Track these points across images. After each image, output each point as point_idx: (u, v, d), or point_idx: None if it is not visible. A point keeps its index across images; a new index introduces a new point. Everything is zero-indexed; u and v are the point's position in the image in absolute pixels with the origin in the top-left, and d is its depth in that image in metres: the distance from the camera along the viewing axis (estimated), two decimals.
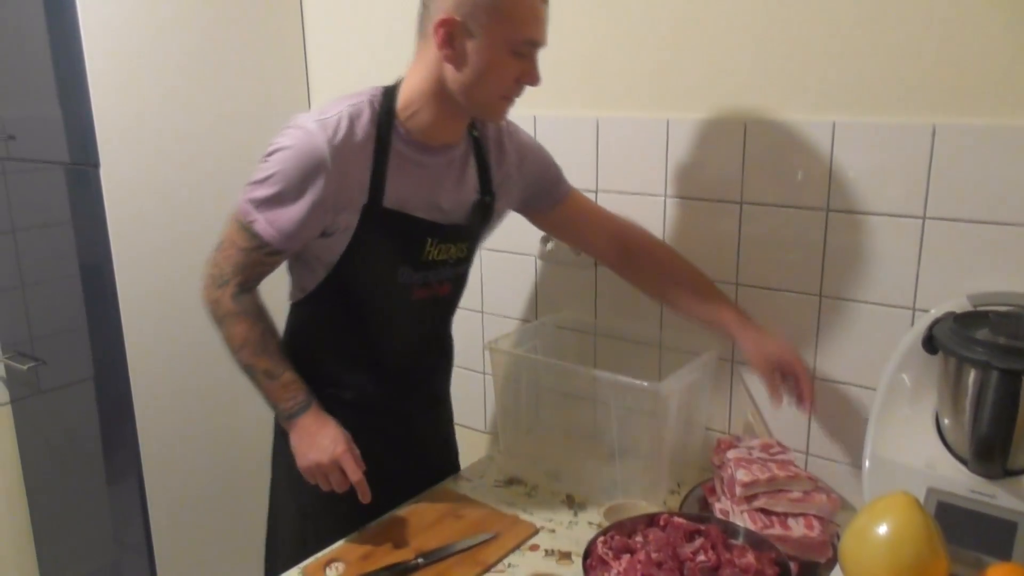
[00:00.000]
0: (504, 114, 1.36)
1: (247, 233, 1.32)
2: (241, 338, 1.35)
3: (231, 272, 1.34)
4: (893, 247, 1.38)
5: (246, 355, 1.36)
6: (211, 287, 1.36)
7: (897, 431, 1.29)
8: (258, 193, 1.30)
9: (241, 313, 1.35)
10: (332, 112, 1.29)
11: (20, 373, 2.24)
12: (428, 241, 1.40)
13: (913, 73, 1.33)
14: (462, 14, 1.22)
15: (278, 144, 1.29)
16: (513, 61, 1.26)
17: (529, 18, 1.25)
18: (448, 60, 1.27)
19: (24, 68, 1.93)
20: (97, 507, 2.18)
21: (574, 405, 1.71)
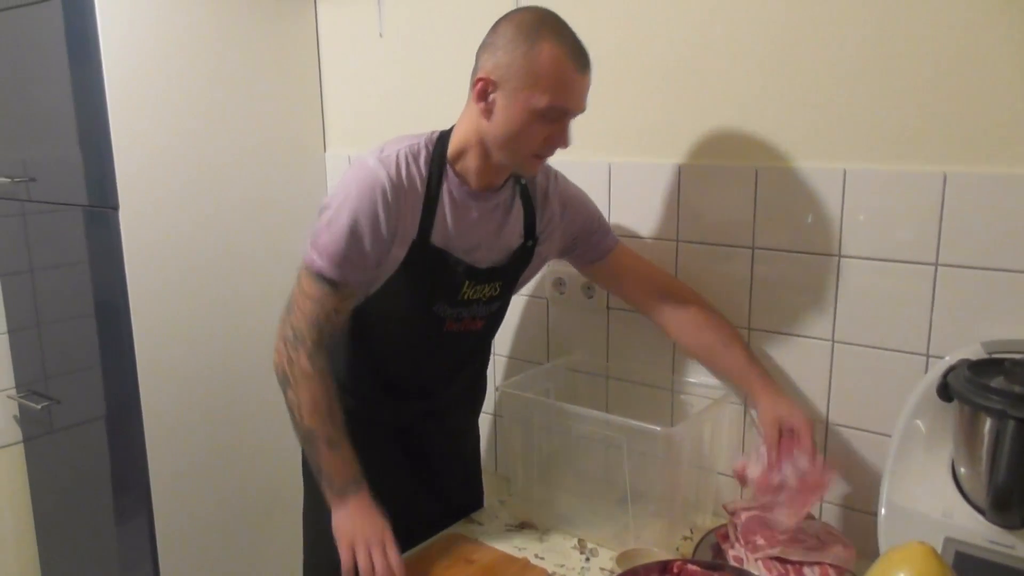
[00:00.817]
0: (534, 170, 1.42)
1: (318, 282, 1.34)
2: (312, 402, 1.34)
3: (306, 329, 1.34)
4: (906, 293, 1.38)
5: (315, 420, 1.34)
6: (284, 349, 1.36)
7: (913, 479, 1.27)
8: (322, 239, 1.33)
9: (317, 376, 1.34)
10: (391, 150, 1.36)
11: (34, 412, 2.24)
12: (466, 283, 1.44)
13: (924, 122, 1.34)
14: (498, 75, 1.30)
15: (341, 184, 1.35)
16: (540, 124, 1.31)
17: (558, 87, 1.28)
18: (482, 114, 1.34)
19: (46, 111, 1.97)
20: (106, 547, 2.17)
21: (586, 449, 1.70)
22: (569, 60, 1.29)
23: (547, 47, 1.27)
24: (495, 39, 1.31)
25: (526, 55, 1.27)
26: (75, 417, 2.18)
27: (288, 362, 1.35)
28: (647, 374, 1.73)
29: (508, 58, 1.28)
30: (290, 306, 1.37)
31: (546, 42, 1.27)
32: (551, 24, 1.30)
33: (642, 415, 1.47)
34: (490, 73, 1.31)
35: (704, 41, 1.55)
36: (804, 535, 1.34)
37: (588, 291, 1.77)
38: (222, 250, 2.01)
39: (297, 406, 1.35)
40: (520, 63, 1.27)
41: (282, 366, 1.36)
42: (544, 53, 1.27)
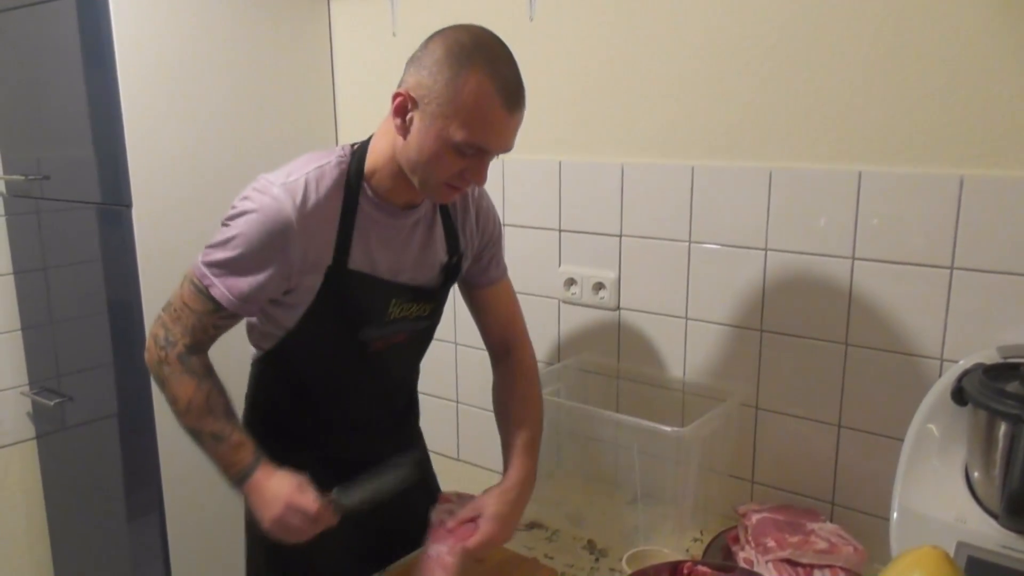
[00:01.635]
0: (447, 199, 1.31)
1: (202, 297, 1.27)
2: (186, 399, 1.28)
3: (180, 333, 1.29)
4: (920, 297, 1.38)
5: (191, 418, 1.29)
6: (155, 348, 1.30)
7: (926, 483, 1.27)
8: (217, 256, 1.25)
9: (186, 372, 1.28)
10: (298, 174, 1.26)
11: (47, 409, 2.26)
12: (392, 302, 1.37)
13: (941, 124, 1.33)
14: (418, 94, 1.19)
15: (242, 207, 1.24)
16: (455, 156, 1.19)
17: (478, 124, 1.16)
18: (398, 130, 1.24)
19: (60, 109, 1.98)
20: (118, 544, 2.18)
21: (596, 449, 1.70)
22: (496, 96, 1.16)
23: (474, 79, 1.14)
24: (423, 55, 1.20)
25: (450, 82, 1.15)
26: (88, 414, 2.19)
27: (159, 360, 1.29)
28: (658, 375, 1.72)
29: (431, 80, 1.16)
30: (168, 306, 1.31)
31: (475, 73, 1.14)
32: (486, 51, 1.17)
33: (653, 416, 1.46)
34: (411, 90, 1.19)
35: (718, 42, 1.54)
36: (815, 538, 1.33)
37: (599, 291, 1.77)
38: None
39: (174, 403, 1.29)
40: (442, 89, 1.15)
41: (153, 363, 1.31)
42: (470, 84, 1.14)
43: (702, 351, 1.66)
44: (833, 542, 1.33)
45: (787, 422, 1.57)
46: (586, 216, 1.77)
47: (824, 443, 1.53)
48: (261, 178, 1.27)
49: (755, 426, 1.61)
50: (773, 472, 1.61)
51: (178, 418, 1.30)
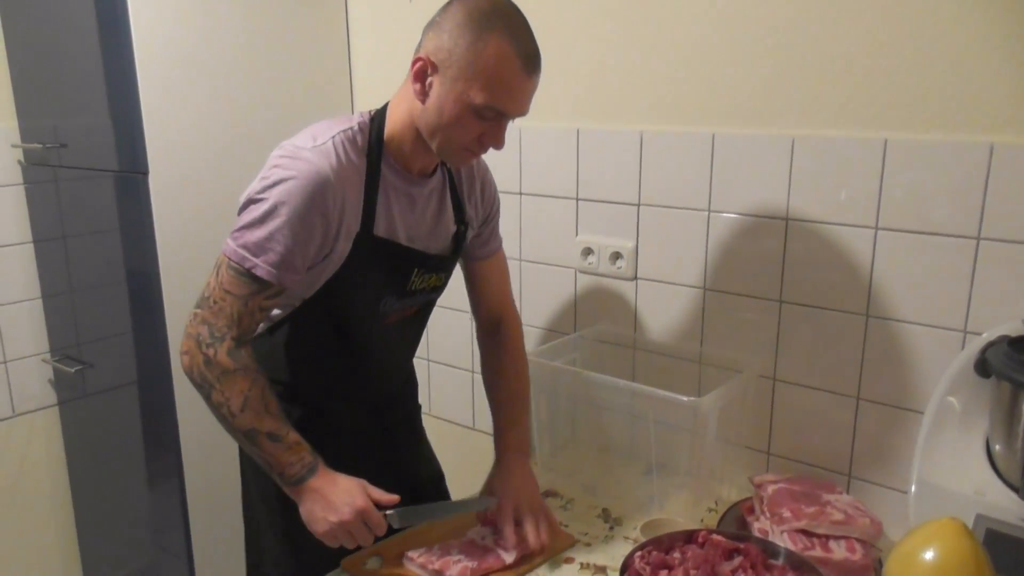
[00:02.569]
0: (465, 163, 1.34)
1: (244, 279, 1.22)
2: (241, 398, 1.22)
3: (225, 326, 1.23)
4: (945, 268, 1.35)
5: (248, 418, 1.23)
6: (198, 349, 1.23)
7: (945, 456, 1.26)
8: (257, 233, 1.21)
9: (239, 369, 1.23)
10: (324, 138, 1.25)
11: (67, 376, 2.28)
12: (415, 271, 1.38)
13: (970, 89, 1.30)
14: (438, 58, 1.20)
15: (276, 177, 1.22)
16: (474, 119, 1.22)
17: (498, 87, 1.19)
18: (416, 95, 1.25)
19: (77, 78, 1.98)
20: (139, 509, 2.22)
21: (612, 419, 1.70)
22: (516, 59, 1.19)
23: (495, 42, 1.17)
24: (443, 20, 1.21)
25: (471, 45, 1.17)
26: (108, 381, 2.22)
27: (204, 363, 1.22)
28: (674, 345, 1.71)
29: (452, 43, 1.19)
30: (205, 302, 1.24)
31: (495, 36, 1.17)
32: (505, 17, 1.20)
33: (669, 386, 1.46)
34: (431, 55, 1.21)
35: (739, 5, 1.51)
36: (831, 509, 1.33)
37: (616, 260, 1.76)
38: None
39: (226, 406, 1.23)
40: (463, 52, 1.18)
41: (197, 369, 1.23)
42: (490, 47, 1.17)
43: (720, 322, 1.64)
44: (849, 514, 1.32)
45: (805, 394, 1.55)
46: (604, 185, 1.76)
47: (842, 415, 1.51)
48: (286, 146, 1.26)
49: (772, 397, 1.60)
50: (790, 444, 1.60)
51: (230, 420, 1.24)
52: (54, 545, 2.51)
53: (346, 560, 1.36)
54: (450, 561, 1.32)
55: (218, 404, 1.24)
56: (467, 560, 1.32)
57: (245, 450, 1.29)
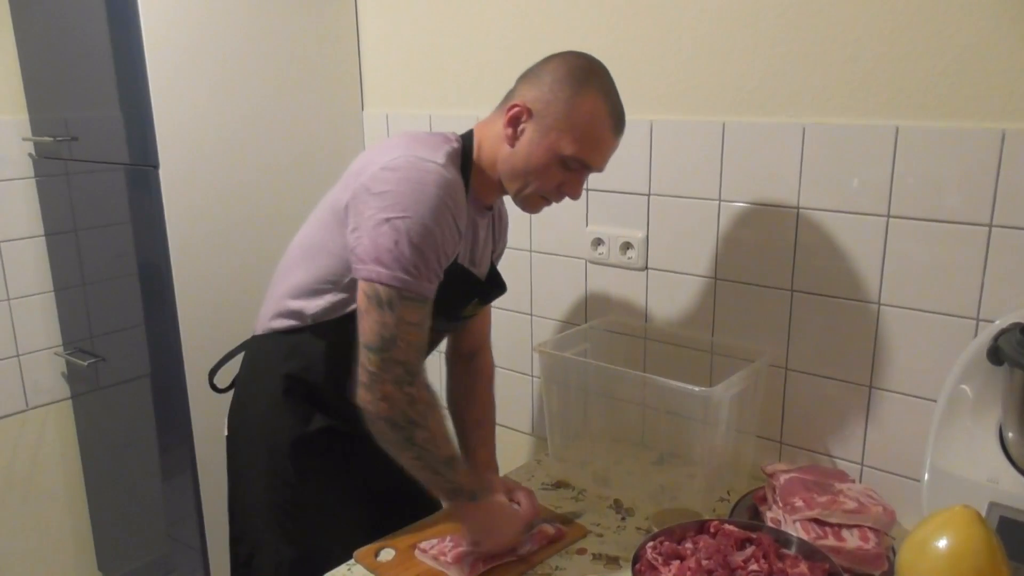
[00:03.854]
0: (537, 210, 1.39)
1: (418, 304, 1.21)
2: (442, 428, 1.25)
3: (418, 359, 1.22)
4: (957, 255, 1.35)
5: (449, 446, 1.25)
6: (399, 392, 1.20)
7: (958, 444, 1.25)
8: (412, 254, 1.19)
9: (434, 403, 1.24)
10: (439, 154, 1.27)
11: (80, 369, 2.30)
12: (473, 300, 1.43)
13: (980, 77, 1.29)
14: (536, 108, 1.28)
15: (411, 190, 1.21)
16: (559, 169, 1.29)
17: (589, 141, 1.28)
18: (507, 139, 1.31)
19: (87, 72, 1.99)
20: (152, 502, 2.23)
21: (623, 409, 1.70)
22: (608, 119, 1.28)
23: (591, 99, 1.26)
24: (542, 73, 1.30)
25: (570, 99, 1.26)
26: (121, 375, 2.23)
27: (408, 403, 1.20)
28: (685, 335, 1.71)
29: (551, 95, 1.27)
30: (389, 343, 1.19)
31: (592, 94, 1.26)
32: (601, 78, 1.30)
33: (680, 376, 1.45)
34: (528, 103, 1.28)
35: None
36: (844, 498, 1.33)
37: (626, 251, 1.75)
38: (261, 208, 2.02)
39: (432, 441, 1.22)
40: (561, 105, 1.26)
41: (400, 411, 1.21)
42: (587, 103, 1.26)
43: (731, 311, 1.64)
44: (862, 502, 1.32)
45: (817, 383, 1.55)
46: (614, 175, 1.74)
47: (854, 404, 1.51)
48: (410, 158, 1.24)
49: (784, 386, 1.59)
50: (802, 433, 1.59)
51: (433, 452, 1.23)
52: (68, 537, 2.54)
53: (359, 552, 1.37)
54: (461, 553, 1.32)
55: (425, 442, 1.22)
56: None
57: (431, 484, 1.27)
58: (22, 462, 2.40)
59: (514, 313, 2.01)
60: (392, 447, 1.23)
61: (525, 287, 1.98)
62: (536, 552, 1.37)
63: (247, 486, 1.48)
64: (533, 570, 1.34)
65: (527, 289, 1.98)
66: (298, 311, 1.37)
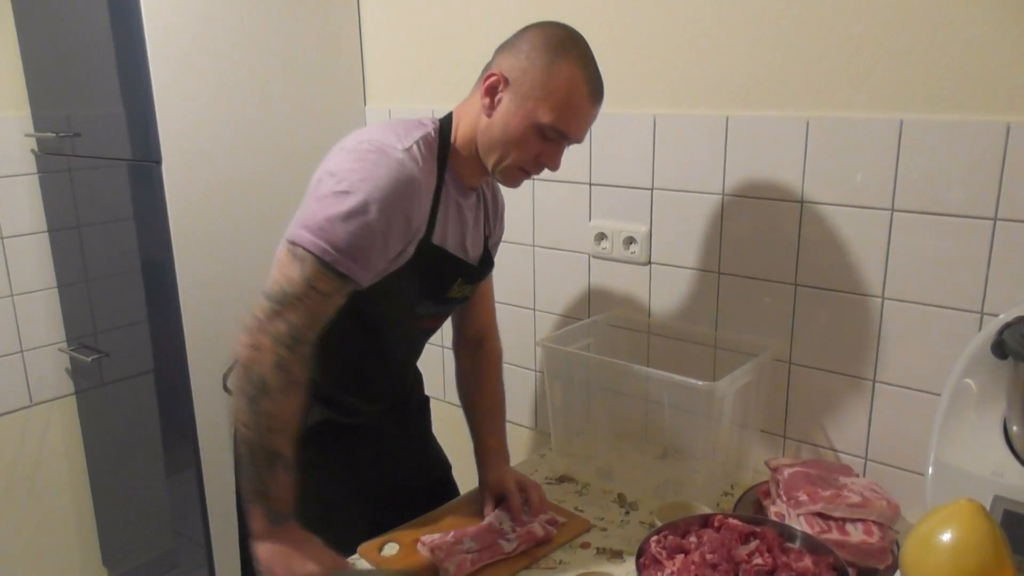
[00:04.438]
0: (515, 183, 1.36)
1: (331, 276, 1.18)
2: (289, 417, 1.18)
3: (307, 327, 1.17)
4: (961, 249, 1.34)
5: (283, 439, 1.18)
6: (273, 347, 1.15)
7: (963, 438, 1.25)
8: (342, 229, 1.17)
9: (303, 384, 1.19)
10: (410, 140, 1.26)
11: (84, 365, 2.30)
12: (457, 280, 1.40)
13: (985, 69, 1.28)
14: (512, 76, 1.26)
15: (365, 171, 1.20)
16: (536, 138, 1.27)
17: (566, 109, 1.26)
18: (484, 109, 1.29)
19: (90, 67, 1.99)
20: (157, 497, 2.23)
21: (626, 404, 1.70)
22: (585, 86, 1.26)
23: (568, 67, 1.25)
24: (519, 42, 1.28)
25: (547, 67, 1.24)
26: (124, 370, 2.23)
27: (276, 365, 1.15)
28: (689, 329, 1.71)
29: (527, 63, 1.25)
30: (285, 297, 1.17)
31: (568, 62, 1.25)
32: (579, 47, 1.28)
33: (683, 370, 1.45)
34: (505, 71, 1.27)
35: None
36: (848, 492, 1.32)
37: (630, 245, 1.75)
38: (264, 203, 2.02)
39: (271, 419, 1.17)
40: (537, 73, 1.25)
41: (260, 369, 1.15)
42: (564, 71, 1.24)
43: (735, 306, 1.64)
44: (866, 496, 1.32)
45: (821, 377, 1.55)
46: (617, 169, 1.75)
47: (858, 398, 1.51)
48: (373, 140, 1.24)
49: (788, 381, 1.59)
50: (806, 427, 1.59)
51: (264, 434, 1.17)
52: (73, 533, 2.54)
53: (363, 547, 1.37)
54: (458, 549, 1.33)
55: (263, 414, 1.16)
56: (477, 548, 1.33)
57: (244, 469, 1.20)
58: (26, 458, 2.41)
59: (517, 308, 2.01)
60: (237, 403, 1.18)
61: (528, 282, 1.98)
62: (523, 552, 1.36)
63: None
64: (537, 564, 1.34)
65: (530, 284, 1.98)
66: None
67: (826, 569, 1.14)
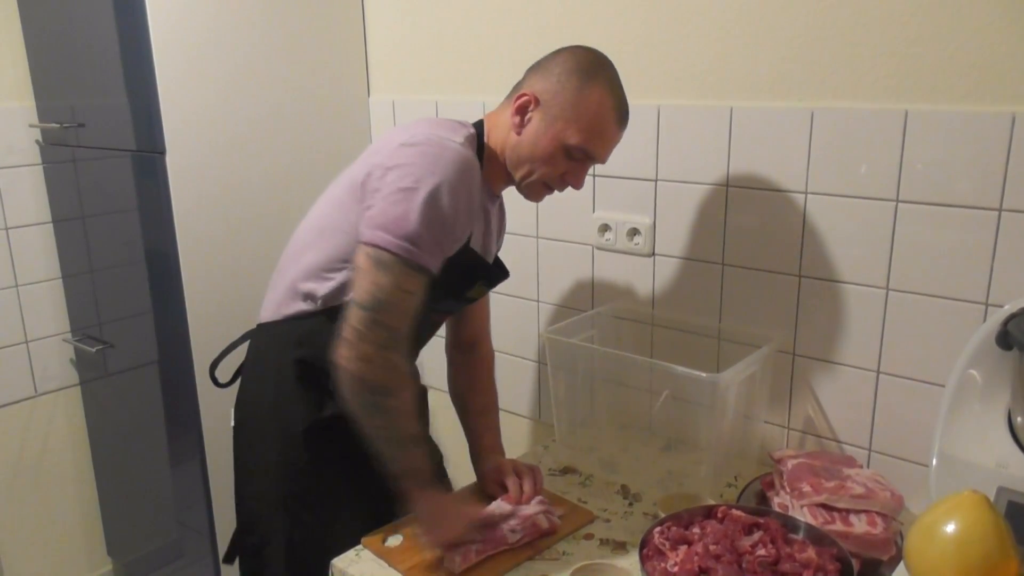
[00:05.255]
0: (538, 198, 1.43)
1: (417, 274, 1.22)
2: (411, 404, 1.25)
3: (403, 328, 1.22)
4: (966, 240, 1.34)
5: (415, 424, 1.26)
6: (380, 355, 1.20)
7: (967, 429, 1.25)
8: (419, 226, 1.21)
9: (412, 373, 1.27)
10: (460, 136, 1.31)
11: (89, 356, 2.31)
12: (478, 282, 1.45)
13: (990, 60, 1.28)
14: (544, 97, 1.32)
15: (427, 165, 1.23)
16: (563, 158, 1.33)
17: (594, 131, 1.31)
18: (514, 127, 1.35)
19: (94, 58, 1.99)
20: (161, 487, 2.24)
21: (630, 395, 1.70)
22: (613, 111, 1.32)
23: (598, 91, 1.30)
24: (551, 65, 1.33)
25: (577, 90, 1.30)
26: (129, 361, 2.24)
27: (387, 368, 1.22)
28: (693, 321, 1.71)
29: (559, 86, 1.31)
30: (379, 304, 1.20)
31: (599, 86, 1.30)
32: (608, 72, 1.34)
33: (687, 362, 1.45)
34: (537, 93, 1.32)
35: None
36: (852, 483, 1.32)
37: (633, 237, 1.75)
38: (268, 193, 2.02)
39: (400, 413, 1.24)
40: (568, 95, 1.30)
41: (377, 374, 1.21)
42: (594, 95, 1.30)
43: (738, 297, 1.64)
44: (870, 487, 1.32)
45: (825, 368, 1.55)
46: (621, 160, 1.74)
47: (862, 390, 1.51)
48: (430, 135, 1.28)
49: (791, 372, 1.59)
50: (809, 418, 1.59)
51: (399, 426, 1.24)
52: (78, 523, 2.55)
53: (367, 538, 1.38)
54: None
55: (393, 412, 1.23)
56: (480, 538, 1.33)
57: (388, 459, 1.26)
58: (31, 448, 2.41)
59: (520, 299, 2.01)
60: (360, 411, 1.23)
61: (532, 273, 1.98)
62: (527, 543, 1.36)
63: (257, 477, 1.48)
64: (541, 555, 1.34)
65: (533, 275, 1.98)
66: (310, 292, 1.37)
67: (830, 560, 1.14)
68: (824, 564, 1.13)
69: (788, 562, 1.13)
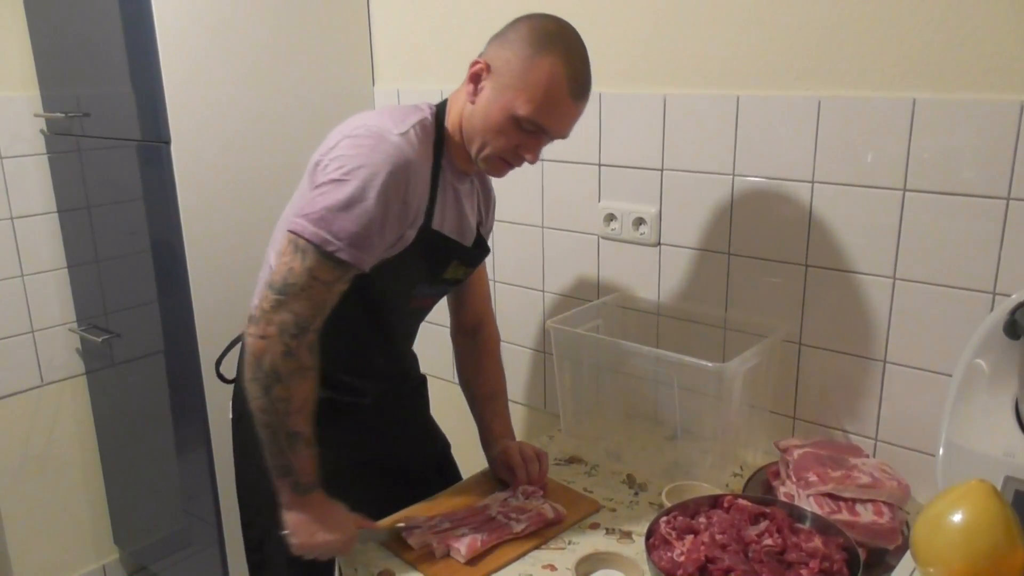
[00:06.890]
0: (499, 173, 1.37)
1: (331, 264, 1.20)
2: (304, 401, 1.22)
3: (312, 315, 1.20)
4: (974, 229, 1.33)
5: (300, 420, 1.23)
6: (279, 338, 1.19)
7: (974, 418, 1.24)
8: (342, 218, 1.19)
9: (311, 369, 1.22)
10: (405, 126, 1.27)
11: (95, 345, 2.31)
12: (452, 263, 1.42)
13: (998, 48, 1.27)
14: (496, 66, 1.27)
15: (361, 159, 1.21)
16: (515, 129, 1.27)
17: (544, 103, 1.24)
18: (468, 96, 1.31)
19: (98, 47, 1.98)
20: (167, 477, 2.25)
21: (636, 385, 1.70)
22: (565, 82, 1.24)
23: (550, 61, 1.23)
24: (508, 33, 1.28)
25: (528, 59, 1.24)
26: (135, 351, 2.24)
27: (284, 354, 1.19)
28: (699, 311, 1.71)
29: (511, 54, 1.25)
30: (288, 288, 1.19)
31: (551, 56, 1.23)
32: (566, 41, 1.26)
33: (693, 352, 1.45)
34: (489, 60, 1.28)
35: None
36: (858, 472, 1.32)
37: (639, 226, 1.75)
38: (272, 182, 2.01)
39: (285, 403, 1.21)
40: (519, 64, 1.24)
41: (271, 359, 1.19)
42: (544, 65, 1.23)
43: (744, 287, 1.63)
44: (876, 477, 1.32)
45: (831, 358, 1.54)
46: (627, 150, 1.74)
47: (869, 379, 1.51)
48: (368, 125, 1.26)
49: (798, 362, 1.59)
50: (816, 408, 1.59)
51: (282, 418, 1.22)
52: (84, 512, 2.56)
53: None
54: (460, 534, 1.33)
55: (277, 399, 1.21)
56: (479, 531, 1.34)
57: (267, 448, 1.25)
58: (38, 437, 2.42)
59: (526, 289, 2.01)
60: (250, 389, 1.22)
61: (537, 263, 1.97)
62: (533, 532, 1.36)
63: (255, 469, 1.48)
64: (546, 544, 1.34)
65: (539, 265, 1.97)
66: None
67: (836, 550, 1.14)
68: (830, 553, 1.13)
69: (794, 551, 1.13)
